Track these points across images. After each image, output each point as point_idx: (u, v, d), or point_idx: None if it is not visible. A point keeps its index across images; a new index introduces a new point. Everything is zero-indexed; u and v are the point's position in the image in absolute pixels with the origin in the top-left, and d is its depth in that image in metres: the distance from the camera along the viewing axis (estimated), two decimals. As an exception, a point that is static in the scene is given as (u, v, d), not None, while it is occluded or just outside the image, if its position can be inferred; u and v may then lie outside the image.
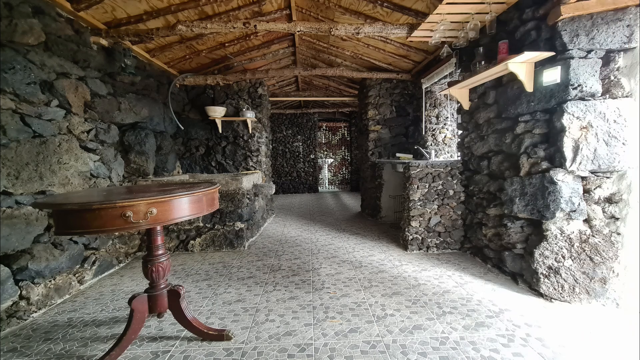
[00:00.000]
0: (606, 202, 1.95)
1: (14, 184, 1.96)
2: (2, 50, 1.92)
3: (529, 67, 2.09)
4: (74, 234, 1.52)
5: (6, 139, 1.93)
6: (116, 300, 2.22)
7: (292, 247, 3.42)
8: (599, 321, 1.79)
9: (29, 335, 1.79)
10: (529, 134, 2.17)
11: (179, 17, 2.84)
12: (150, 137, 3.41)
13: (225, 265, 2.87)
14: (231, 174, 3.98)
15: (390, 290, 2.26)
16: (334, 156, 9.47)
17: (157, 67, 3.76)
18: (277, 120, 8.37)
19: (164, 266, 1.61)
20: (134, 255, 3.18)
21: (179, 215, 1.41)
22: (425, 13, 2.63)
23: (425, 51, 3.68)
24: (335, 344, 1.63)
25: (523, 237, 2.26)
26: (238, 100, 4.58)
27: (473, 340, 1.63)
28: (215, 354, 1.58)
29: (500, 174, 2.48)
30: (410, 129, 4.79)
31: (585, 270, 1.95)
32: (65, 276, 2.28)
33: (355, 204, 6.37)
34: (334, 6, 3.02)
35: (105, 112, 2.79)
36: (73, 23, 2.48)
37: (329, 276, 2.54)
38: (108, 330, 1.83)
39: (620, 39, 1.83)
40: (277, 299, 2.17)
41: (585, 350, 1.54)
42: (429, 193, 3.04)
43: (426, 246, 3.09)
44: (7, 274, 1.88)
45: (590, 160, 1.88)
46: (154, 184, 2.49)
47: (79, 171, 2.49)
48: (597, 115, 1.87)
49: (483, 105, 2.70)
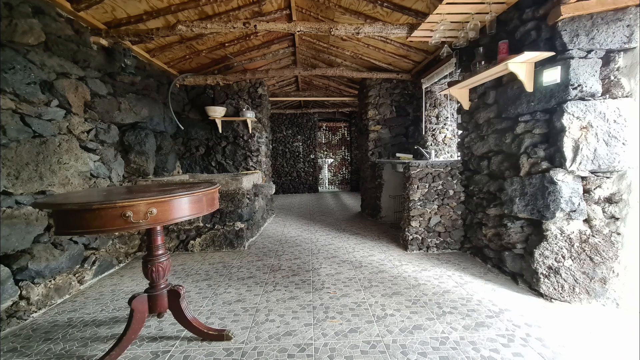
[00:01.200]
0: (606, 202, 1.95)
1: (14, 184, 1.96)
2: (2, 50, 1.92)
3: (529, 67, 2.09)
4: (74, 234, 1.52)
5: (6, 139, 1.93)
6: (116, 300, 2.22)
7: (292, 247, 3.42)
8: (599, 321, 1.79)
9: (29, 335, 1.79)
10: (529, 134, 2.17)
11: (179, 17, 2.84)
12: (150, 137, 3.41)
13: (225, 265, 2.87)
14: (231, 174, 3.98)
15: (390, 290, 2.26)
16: (334, 156, 9.47)
17: (157, 67, 3.76)
18: (277, 120, 8.37)
19: (164, 266, 1.61)
20: (134, 255, 3.18)
21: (179, 215, 1.41)
22: (425, 13, 2.63)
23: (425, 51, 3.68)
24: (335, 344, 1.63)
25: (523, 237, 2.26)
26: (238, 100, 4.58)
27: (473, 340, 1.63)
28: (215, 354, 1.58)
29: (500, 174, 2.48)
30: (410, 129, 4.79)
31: (585, 270, 1.95)
32: (65, 276, 2.28)
33: (355, 204, 6.37)
34: (334, 6, 3.02)
35: (105, 112, 2.79)
36: (73, 23, 2.48)
37: (329, 276, 2.54)
38: (108, 330, 1.83)
39: (620, 39, 1.83)
40: (277, 299, 2.17)
41: (585, 350, 1.54)
42: (429, 193, 3.04)
43: (426, 246, 3.09)
44: (7, 274, 1.88)
45: (590, 160, 1.88)
46: (154, 184, 2.49)
47: (79, 171, 2.49)
48: (597, 115, 1.87)
49: (483, 105, 2.70)
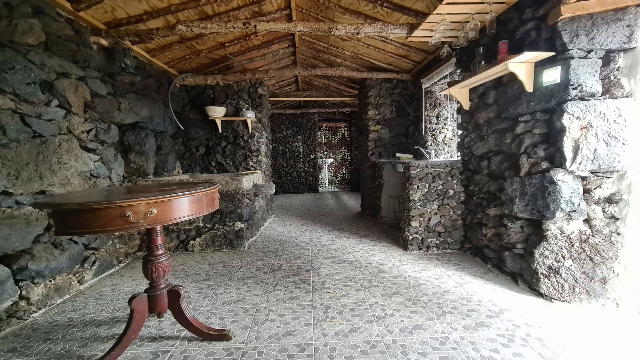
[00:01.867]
0: (606, 202, 1.95)
1: (14, 184, 1.96)
2: (2, 50, 1.92)
3: (529, 67, 2.09)
4: (74, 234, 1.52)
5: (6, 139, 1.93)
6: (116, 300, 2.22)
7: (292, 247, 3.42)
8: (599, 321, 1.79)
9: (29, 335, 1.79)
10: (529, 134, 2.17)
11: (179, 17, 2.84)
12: (150, 137, 3.41)
13: (225, 265, 2.87)
14: (231, 174, 3.98)
15: (390, 290, 2.26)
16: (334, 156, 9.46)
17: (157, 67, 3.76)
18: (277, 120, 8.37)
19: (164, 266, 1.61)
20: (134, 255, 3.18)
21: (179, 215, 1.41)
22: (425, 13, 2.63)
23: (425, 51, 3.68)
24: (335, 344, 1.63)
25: (523, 237, 2.26)
26: (238, 100, 4.58)
27: (473, 340, 1.63)
28: (215, 354, 1.58)
29: (500, 174, 2.48)
30: (410, 129, 4.79)
31: (585, 270, 1.95)
32: (65, 276, 2.28)
33: (355, 204, 6.37)
34: (334, 6, 3.02)
35: (105, 112, 2.79)
36: (73, 23, 2.48)
37: (329, 276, 2.54)
38: (108, 330, 1.83)
39: (620, 39, 1.83)
40: (277, 299, 2.17)
41: (585, 350, 1.54)
42: (429, 193, 3.04)
43: (426, 246, 3.09)
44: (7, 274, 1.88)
45: (590, 160, 1.88)
46: (154, 184, 2.49)
47: (79, 171, 2.49)
48: (597, 115, 1.87)
49: (483, 105, 2.70)
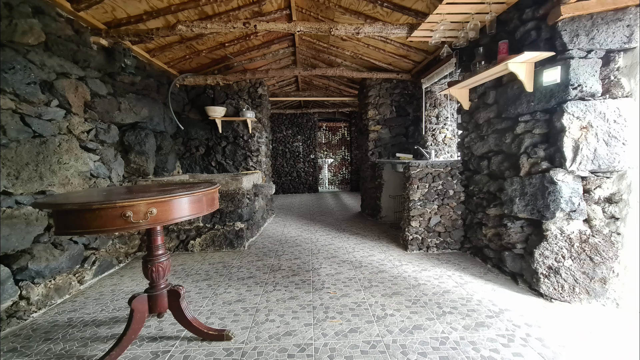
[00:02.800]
0: (606, 202, 1.95)
1: (14, 184, 1.96)
2: (2, 50, 1.92)
3: (529, 67, 2.09)
4: (74, 234, 1.52)
5: (6, 139, 1.93)
6: (116, 300, 2.22)
7: (292, 247, 3.42)
8: (599, 321, 1.79)
9: (29, 335, 1.79)
10: (529, 134, 2.17)
11: (179, 17, 2.84)
12: (150, 137, 3.41)
13: (225, 265, 2.87)
14: (231, 174, 3.98)
15: (390, 290, 2.26)
16: (334, 156, 9.46)
17: (157, 67, 3.76)
18: (277, 120, 8.37)
19: (164, 266, 1.61)
20: (134, 255, 3.18)
21: (179, 215, 1.41)
22: (425, 13, 2.63)
23: (425, 51, 3.68)
24: (335, 344, 1.63)
25: (523, 237, 2.26)
26: (238, 100, 4.58)
27: (473, 340, 1.63)
28: (215, 354, 1.58)
29: (500, 174, 2.48)
30: (410, 129, 4.79)
31: (585, 270, 1.95)
32: (65, 276, 2.28)
33: (355, 204, 6.37)
34: (334, 6, 3.02)
35: (105, 112, 2.79)
36: (73, 23, 2.48)
37: (329, 276, 2.54)
38: (108, 330, 1.83)
39: (620, 39, 1.83)
40: (277, 299, 2.17)
41: (585, 350, 1.54)
42: (429, 193, 3.04)
43: (426, 246, 3.09)
44: (7, 274, 1.88)
45: (590, 160, 1.88)
46: (154, 184, 2.49)
47: (79, 171, 2.49)
48: (597, 115, 1.87)
49: (483, 105, 2.70)
